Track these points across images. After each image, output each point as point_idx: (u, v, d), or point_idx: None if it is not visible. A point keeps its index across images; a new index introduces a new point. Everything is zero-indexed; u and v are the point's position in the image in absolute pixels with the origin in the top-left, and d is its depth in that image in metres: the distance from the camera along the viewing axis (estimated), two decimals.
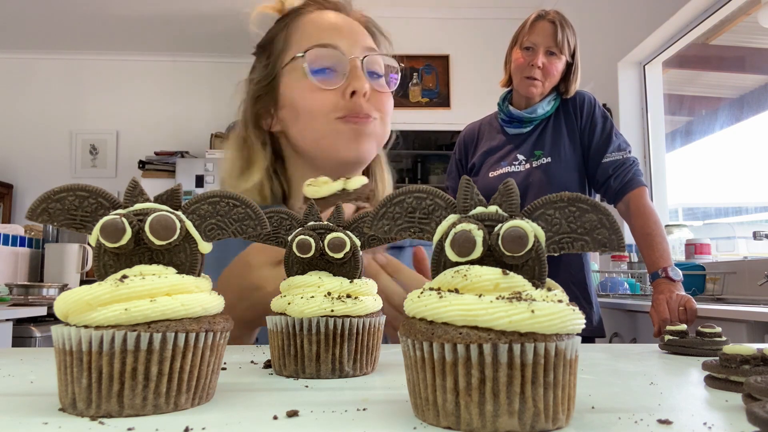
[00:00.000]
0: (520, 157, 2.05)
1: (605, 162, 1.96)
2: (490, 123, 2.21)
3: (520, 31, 2.05)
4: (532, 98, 2.04)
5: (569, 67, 2.03)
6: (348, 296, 0.52)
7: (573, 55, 2.02)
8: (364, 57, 0.89)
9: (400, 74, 0.95)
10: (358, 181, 0.70)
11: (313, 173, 0.87)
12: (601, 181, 1.98)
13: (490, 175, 2.06)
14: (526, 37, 2.01)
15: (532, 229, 0.36)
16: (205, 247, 0.42)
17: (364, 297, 0.53)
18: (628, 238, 2.16)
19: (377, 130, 0.91)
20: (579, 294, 1.96)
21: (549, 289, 0.35)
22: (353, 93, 0.87)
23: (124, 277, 0.39)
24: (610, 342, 2.39)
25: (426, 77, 4.78)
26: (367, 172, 1.00)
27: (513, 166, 2.04)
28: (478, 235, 0.36)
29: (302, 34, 0.92)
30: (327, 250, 0.52)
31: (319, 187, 0.69)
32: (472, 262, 0.37)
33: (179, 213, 0.42)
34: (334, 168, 0.89)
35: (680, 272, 1.86)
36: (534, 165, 2.02)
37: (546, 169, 1.99)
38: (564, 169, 2.00)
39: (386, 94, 0.93)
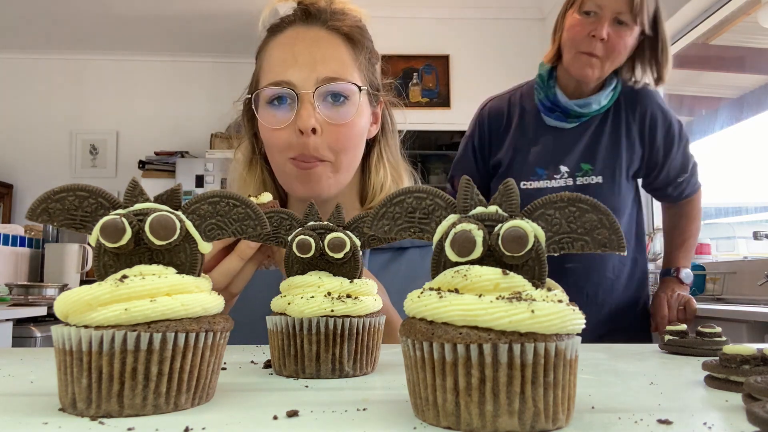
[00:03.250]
0: (563, 168, 1.61)
1: (677, 182, 1.67)
2: (521, 104, 1.67)
3: None
4: (586, 82, 1.52)
5: (647, 45, 1.51)
6: (348, 296, 0.52)
7: (655, 27, 1.47)
8: (315, 89, 0.84)
9: (361, 96, 0.88)
10: (265, 197, 0.73)
11: None
12: (661, 189, 1.71)
13: (522, 185, 1.62)
14: None
15: (532, 229, 0.36)
16: (205, 247, 0.42)
17: (364, 297, 0.53)
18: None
19: (328, 173, 0.88)
20: None
21: (549, 289, 0.35)
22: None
23: (124, 277, 0.39)
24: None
25: (426, 77, 4.78)
26: (364, 166, 0.99)
27: (554, 180, 1.61)
28: (478, 235, 0.36)
29: (266, 65, 0.90)
30: (327, 250, 0.53)
31: None
32: (472, 262, 0.37)
33: (179, 213, 0.42)
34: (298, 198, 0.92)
35: (692, 276, 1.79)
36: (578, 182, 1.60)
37: (594, 192, 1.57)
38: (617, 193, 1.59)
39: (344, 126, 0.87)
